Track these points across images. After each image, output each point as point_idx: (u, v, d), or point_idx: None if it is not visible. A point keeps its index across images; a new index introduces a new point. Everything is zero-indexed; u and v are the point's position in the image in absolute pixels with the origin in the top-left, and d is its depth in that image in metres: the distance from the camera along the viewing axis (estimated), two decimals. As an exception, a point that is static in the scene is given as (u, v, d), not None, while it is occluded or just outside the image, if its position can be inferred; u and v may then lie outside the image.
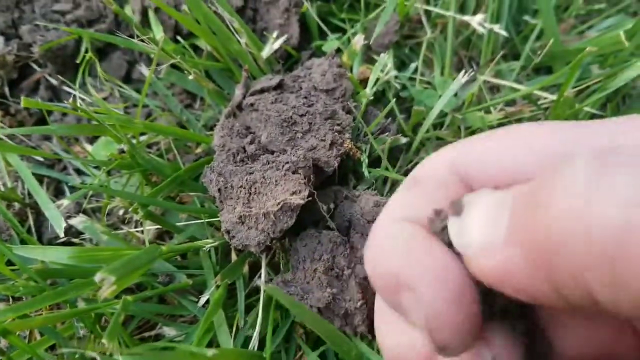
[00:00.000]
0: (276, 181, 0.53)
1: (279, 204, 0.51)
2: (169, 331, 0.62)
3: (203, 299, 0.61)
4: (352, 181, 0.67)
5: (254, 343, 0.56)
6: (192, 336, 0.59)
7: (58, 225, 0.62)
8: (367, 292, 0.54)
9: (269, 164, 0.56)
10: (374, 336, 0.51)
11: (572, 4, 0.87)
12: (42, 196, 0.64)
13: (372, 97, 0.69)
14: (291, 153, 0.57)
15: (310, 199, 0.53)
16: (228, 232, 0.54)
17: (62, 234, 0.62)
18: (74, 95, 0.75)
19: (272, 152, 0.60)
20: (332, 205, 0.59)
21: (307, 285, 0.55)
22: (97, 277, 0.40)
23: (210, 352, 0.44)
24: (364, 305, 0.53)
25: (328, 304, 0.53)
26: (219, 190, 0.56)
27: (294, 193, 0.52)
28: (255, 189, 0.54)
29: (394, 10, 0.75)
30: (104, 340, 0.41)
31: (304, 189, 0.53)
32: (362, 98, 0.69)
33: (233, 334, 0.59)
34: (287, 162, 0.55)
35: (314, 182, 0.57)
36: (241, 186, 0.55)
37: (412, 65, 0.78)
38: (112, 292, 0.40)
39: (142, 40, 0.66)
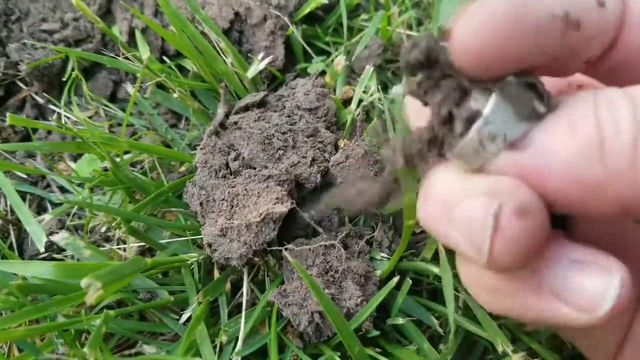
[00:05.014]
0: (258, 193, 0.54)
1: (261, 214, 0.51)
2: (149, 349, 0.62)
3: (185, 316, 0.61)
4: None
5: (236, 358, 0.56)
6: (173, 353, 0.59)
7: (39, 240, 0.62)
8: (365, 289, 0.55)
9: (250, 177, 0.57)
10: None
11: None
12: (24, 212, 0.64)
13: (357, 114, 0.70)
14: (273, 167, 0.58)
15: (293, 206, 0.54)
16: (210, 245, 0.55)
17: (42, 249, 0.61)
18: (59, 113, 0.75)
19: (254, 169, 0.60)
20: (314, 213, 0.59)
21: (304, 292, 0.55)
22: (84, 283, 0.40)
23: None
24: (364, 302, 0.54)
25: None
26: (201, 204, 0.56)
27: (276, 203, 0.52)
28: (238, 201, 0.54)
29: (376, 34, 0.77)
30: (85, 350, 0.41)
31: (286, 199, 0.53)
32: (346, 115, 0.70)
33: (217, 352, 0.58)
34: (270, 175, 0.56)
35: (296, 198, 0.58)
36: (223, 199, 0.55)
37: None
38: (98, 297, 0.40)
39: (128, 59, 0.67)
